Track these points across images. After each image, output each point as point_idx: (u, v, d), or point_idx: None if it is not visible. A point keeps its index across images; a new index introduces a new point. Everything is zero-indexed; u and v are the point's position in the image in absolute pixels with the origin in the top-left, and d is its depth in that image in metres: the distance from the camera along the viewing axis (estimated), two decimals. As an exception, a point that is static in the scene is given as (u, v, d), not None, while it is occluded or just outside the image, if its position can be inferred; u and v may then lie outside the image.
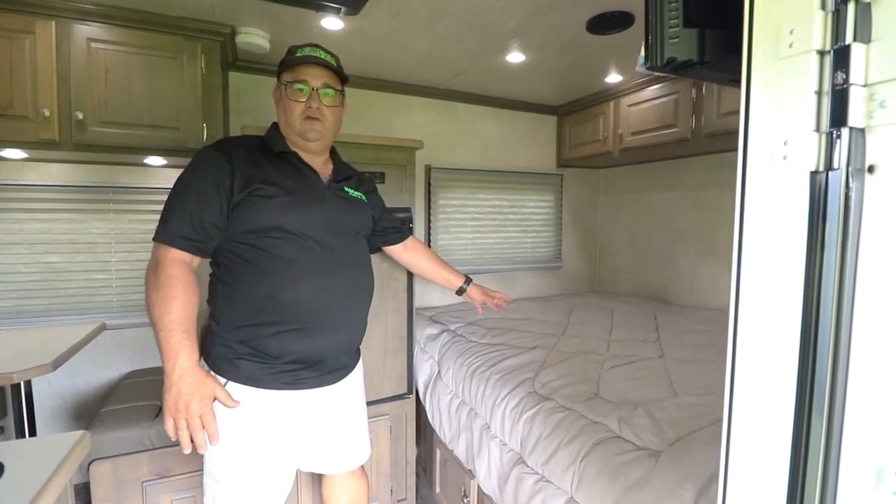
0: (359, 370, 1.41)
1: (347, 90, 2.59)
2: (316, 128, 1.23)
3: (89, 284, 2.14)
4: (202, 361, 1.17)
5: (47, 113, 1.66)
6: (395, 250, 1.64)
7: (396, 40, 2.06)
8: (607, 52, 2.18)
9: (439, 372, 2.04)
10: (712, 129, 2.15)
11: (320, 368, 1.22)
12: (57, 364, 1.44)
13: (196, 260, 1.14)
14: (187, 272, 1.09)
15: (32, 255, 2.05)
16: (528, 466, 1.41)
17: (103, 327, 1.89)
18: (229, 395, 1.09)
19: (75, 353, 1.59)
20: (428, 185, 2.87)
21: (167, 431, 1.04)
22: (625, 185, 3.28)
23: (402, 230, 1.63)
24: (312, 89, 1.21)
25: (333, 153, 1.39)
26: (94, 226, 2.13)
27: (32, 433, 1.64)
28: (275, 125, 1.31)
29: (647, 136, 2.50)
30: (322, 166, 1.30)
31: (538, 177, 3.26)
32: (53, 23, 1.67)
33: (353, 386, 1.37)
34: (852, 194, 0.48)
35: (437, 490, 2.05)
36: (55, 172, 2.05)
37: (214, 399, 1.06)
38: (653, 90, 2.46)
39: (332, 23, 1.87)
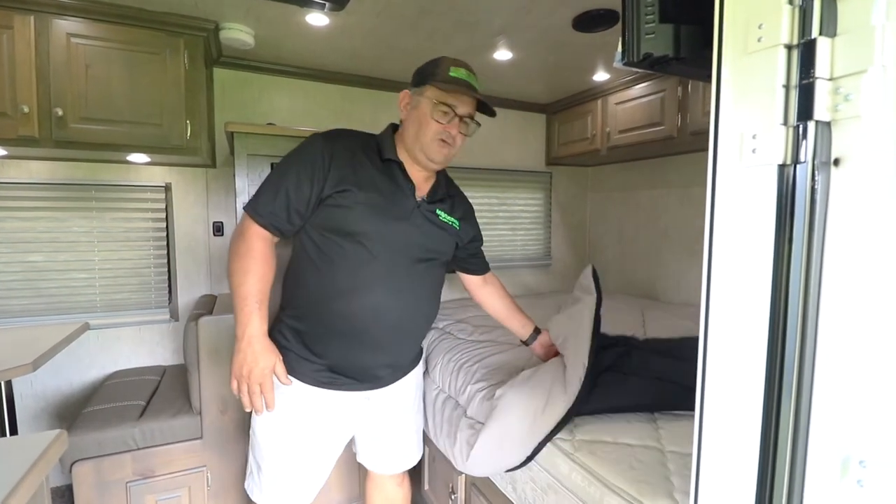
0: (412, 378, 1.40)
1: (335, 87, 2.61)
2: (444, 153, 1.20)
3: (71, 283, 2.12)
4: None
5: (26, 109, 1.64)
6: (471, 281, 1.55)
7: (382, 37, 2.06)
8: (594, 50, 2.19)
9: (427, 369, 2.03)
10: (698, 127, 2.16)
11: (355, 378, 1.25)
12: (38, 364, 1.42)
13: (277, 237, 1.20)
14: (266, 246, 1.16)
15: (13, 254, 2.02)
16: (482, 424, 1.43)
17: (86, 327, 1.86)
18: (286, 372, 1.15)
19: (57, 352, 1.56)
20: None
21: (232, 389, 1.14)
22: (613, 183, 3.30)
23: (484, 263, 1.55)
24: (456, 115, 1.19)
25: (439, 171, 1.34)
26: (77, 224, 2.11)
27: (14, 434, 1.62)
28: (392, 127, 1.29)
29: (635, 133, 2.52)
30: (423, 181, 1.27)
31: (527, 175, 3.27)
32: (32, 17, 1.64)
33: (400, 391, 1.37)
34: (818, 187, 0.49)
35: (426, 487, 2.04)
36: (36, 170, 2.02)
37: (273, 371, 1.13)
38: (640, 88, 2.48)
39: (316, 19, 1.86)
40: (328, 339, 1.20)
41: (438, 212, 1.27)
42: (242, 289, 1.11)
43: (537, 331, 1.57)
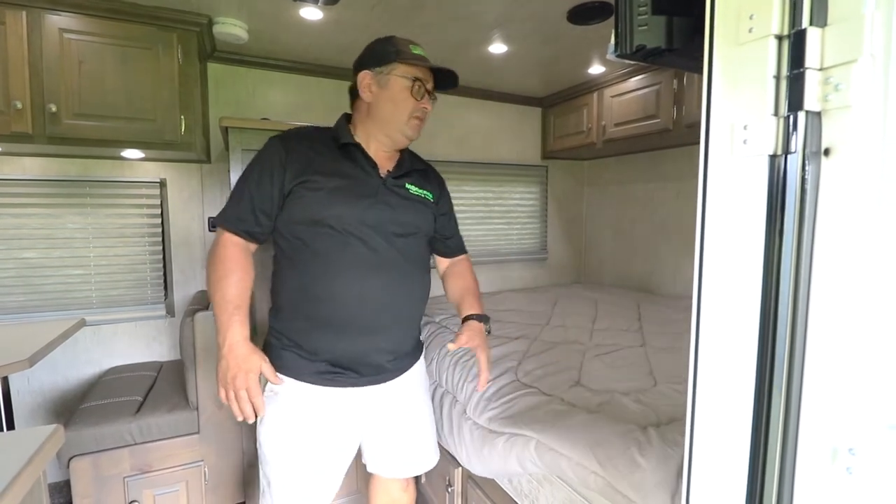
0: (416, 373, 1.35)
1: (330, 82, 2.60)
2: (419, 128, 1.23)
3: (67, 280, 2.11)
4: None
5: (19, 105, 1.62)
6: (441, 262, 1.51)
7: (376, 31, 2.03)
8: (589, 43, 2.18)
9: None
10: (693, 120, 2.16)
11: (353, 373, 1.20)
12: (34, 360, 1.42)
13: (252, 244, 1.19)
14: (241, 253, 1.14)
15: (7, 250, 2.01)
16: (497, 433, 1.41)
17: (83, 323, 1.86)
18: (274, 371, 1.12)
19: (53, 349, 1.56)
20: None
21: (220, 398, 1.10)
22: (609, 177, 3.30)
23: (458, 244, 1.51)
24: (427, 91, 1.21)
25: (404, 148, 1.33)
26: (71, 220, 2.10)
27: (11, 430, 1.62)
28: (345, 116, 1.28)
29: (630, 126, 2.51)
30: (386, 159, 1.26)
31: (523, 168, 3.27)
32: (24, 13, 1.63)
33: (405, 388, 1.31)
34: (808, 177, 0.49)
35: (423, 480, 2.05)
36: (29, 166, 2.01)
37: (260, 374, 1.10)
38: (635, 81, 2.47)
39: (310, 13, 1.85)
40: (321, 333, 1.17)
41: (407, 186, 1.27)
42: (218, 295, 1.10)
43: (472, 317, 1.35)
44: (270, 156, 1.16)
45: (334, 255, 1.14)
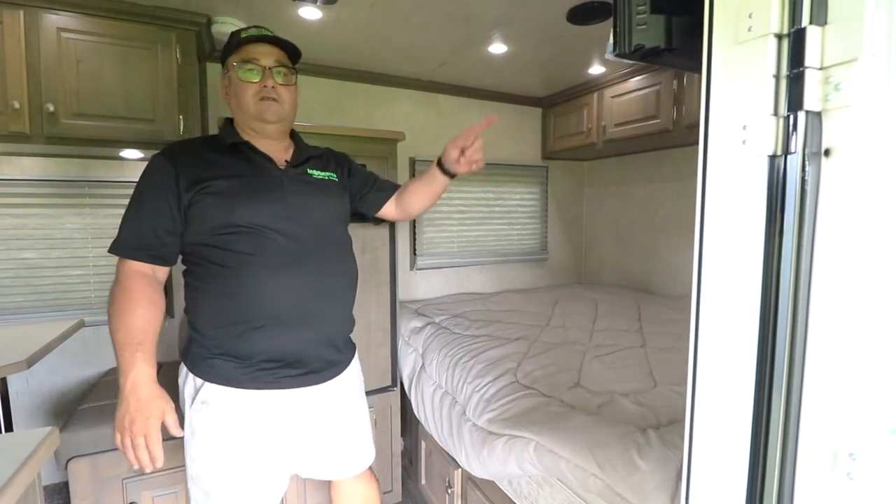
0: (354, 368, 1.33)
1: (329, 82, 2.59)
2: (273, 108, 1.17)
3: (66, 280, 2.10)
4: (182, 365, 1.16)
5: (17, 105, 1.62)
6: (390, 209, 1.46)
7: (376, 31, 2.04)
8: (589, 43, 2.17)
9: (423, 365, 2.04)
10: (693, 120, 2.16)
11: (299, 367, 1.15)
12: (32, 361, 1.42)
13: (160, 270, 1.12)
14: (145, 283, 1.07)
15: (6, 251, 2.01)
16: (496, 435, 1.41)
17: (81, 324, 1.86)
18: (177, 422, 1.03)
19: (51, 349, 1.56)
20: (413, 177, 2.85)
21: (116, 444, 1.01)
22: (609, 177, 3.29)
23: (391, 185, 1.48)
24: (265, 68, 1.16)
25: (294, 137, 1.32)
26: (70, 221, 2.09)
27: (9, 431, 1.62)
28: (228, 120, 1.27)
29: (630, 127, 2.51)
30: (282, 152, 1.24)
31: (523, 169, 3.26)
32: (21, 12, 1.62)
33: (348, 385, 1.28)
34: (808, 178, 0.48)
35: (423, 481, 2.05)
36: (28, 166, 2.01)
37: (161, 420, 1.01)
38: (635, 81, 2.47)
39: (309, 12, 1.85)
40: (251, 334, 1.10)
41: (310, 171, 1.25)
42: (120, 332, 1.01)
43: (438, 159, 1.44)
44: (157, 172, 1.10)
45: (253, 253, 1.10)
